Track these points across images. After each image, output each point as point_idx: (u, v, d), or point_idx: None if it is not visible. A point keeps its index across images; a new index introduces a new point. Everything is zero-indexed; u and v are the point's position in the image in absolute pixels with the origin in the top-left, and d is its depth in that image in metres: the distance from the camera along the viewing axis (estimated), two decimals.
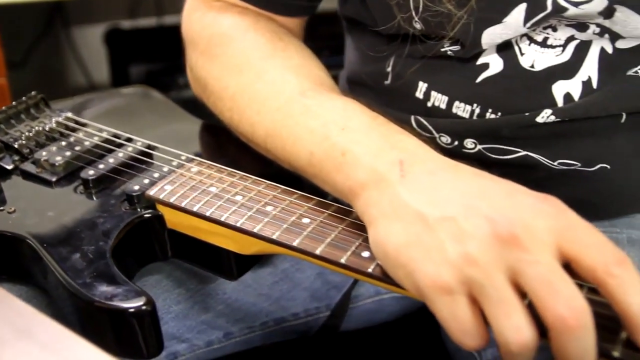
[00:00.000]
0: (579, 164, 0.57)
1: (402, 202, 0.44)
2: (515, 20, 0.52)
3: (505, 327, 0.39)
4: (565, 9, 0.51)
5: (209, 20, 0.64)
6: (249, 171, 0.59)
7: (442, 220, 0.42)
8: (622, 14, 0.51)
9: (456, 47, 0.56)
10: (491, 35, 0.54)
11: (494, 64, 0.57)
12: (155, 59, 1.63)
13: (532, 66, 0.55)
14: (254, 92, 0.58)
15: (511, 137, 0.57)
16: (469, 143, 0.59)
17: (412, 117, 0.61)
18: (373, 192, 0.46)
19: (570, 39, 0.54)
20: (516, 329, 0.39)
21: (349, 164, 0.49)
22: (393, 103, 0.63)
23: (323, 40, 1.01)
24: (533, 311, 0.40)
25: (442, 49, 0.57)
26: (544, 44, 0.54)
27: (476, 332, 0.41)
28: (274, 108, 0.56)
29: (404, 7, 0.56)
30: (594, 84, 0.54)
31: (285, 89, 0.56)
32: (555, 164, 0.57)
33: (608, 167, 0.56)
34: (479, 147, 0.59)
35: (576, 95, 0.55)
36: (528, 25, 0.52)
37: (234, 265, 0.57)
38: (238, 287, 0.66)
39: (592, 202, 0.59)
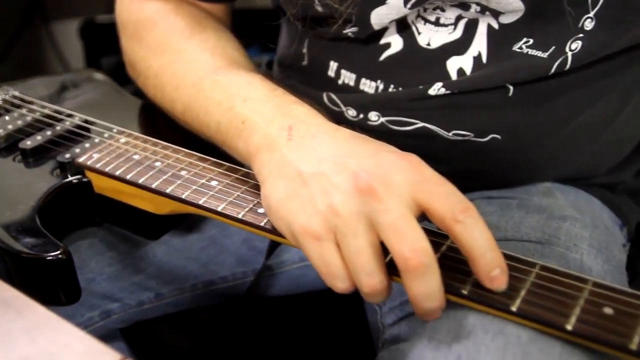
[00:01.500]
0: (472, 135, 0.62)
1: (285, 162, 0.49)
2: (396, 1, 0.57)
3: (359, 272, 0.44)
4: None
5: (136, 7, 0.70)
6: (175, 143, 0.64)
7: (315, 175, 0.47)
8: None
9: (355, 29, 0.61)
10: (379, 16, 0.59)
11: (395, 43, 0.62)
12: None
13: (429, 44, 0.61)
14: (173, 71, 0.63)
15: (409, 109, 0.62)
16: (372, 116, 0.64)
17: (325, 94, 0.66)
18: (265, 154, 0.52)
19: (459, 17, 0.59)
20: (367, 274, 0.44)
21: (248, 130, 0.54)
22: (310, 82, 0.68)
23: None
24: None
25: (344, 31, 0.62)
26: (437, 23, 0.60)
27: (343, 275, 0.46)
28: (189, 84, 0.61)
29: None
30: (484, 59, 0.59)
31: (200, 68, 0.61)
32: (450, 134, 0.62)
33: (499, 137, 0.61)
34: (382, 119, 0.64)
35: (468, 70, 0.60)
36: (408, 6, 0.57)
37: (154, 226, 0.62)
38: (168, 251, 0.71)
39: (488, 171, 0.64)
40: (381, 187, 0.45)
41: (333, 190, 0.46)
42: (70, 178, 0.62)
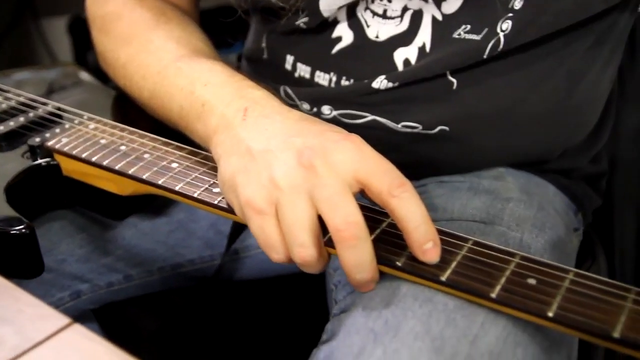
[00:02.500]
0: (421, 127, 0.64)
1: (238, 140, 0.52)
2: None
3: (292, 243, 0.47)
4: None
5: (103, 0, 0.72)
6: (145, 130, 0.67)
7: (263, 152, 0.50)
8: None
9: (306, 19, 0.64)
10: (327, 3, 0.62)
11: (346, 36, 0.65)
12: None
13: (377, 36, 0.63)
14: (140, 60, 0.66)
15: (359, 102, 0.65)
16: (325, 109, 0.67)
17: (282, 88, 0.69)
18: (221, 135, 0.54)
19: (405, 9, 0.62)
20: (300, 245, 0.47)
21: (207, 112, 0.57)
22: (269, 75, 0.71)
23: None
24: None
25: (296, 22, 0.65)
26: (384, 15, 0.63)
27: (279, 247, 0.48)
28: (155, 72, 0.64)
29: None
30: (427, 49, 0.62)
31: (164, 56, 0.64)
32: (400, 126, 0.65)
33: (447, 128, 0.64)
34: (334, 112, 0.67)
35: (413, 60, 0.63)
36: None
37: (118, 207, 0.65)
38: (137, 235, 0.74)
39: (439, 159, 0.67)
40: (322, 164, 0.47)
41: (277, 165, 0.48)
42: (39, 161, 0.65)
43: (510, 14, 0.58)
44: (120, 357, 0.39)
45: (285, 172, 0.48)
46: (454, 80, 0.62)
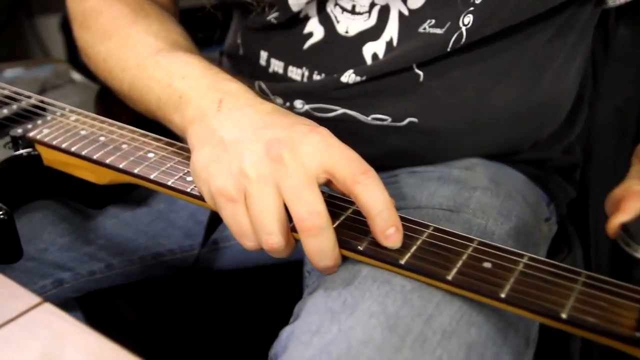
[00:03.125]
0: (390, 119, 0.66)
1: (212, 130, 0.54)
2: None
3: (260, 231, 0.49)
4: None
5: None
6: (126, 122, 0.68)
7: (234, 142, 0.52)
8: None
9: (276, 14, 0.66)
10: None
11: (317, 32, 0.67)
12: None
13: (347, 32, 0.65)
14: (119, 55, 0.67)
15: (330, 97, 0.67)
16: (298, 104, 0.69)
17: (256, 83, 0.71)
18: (196, 125, 0.56)
19: (372, 4, 0.63)
20: (267, 233, 0.49)
21: (184, 104, 0.58)
22: (246, 71, 0.73)
23: None
24: None
25: (268, 18, 0.67)
26: (353, 11, 0.64)
27: (250, 234, 0.50)
28: (134, 66, 0.65)
29: None
30: (395, 43, 0.64)
31: (143, 50, 0.66)
32: (370, 119, 0.66)
33: (416, 120, 0.66)
34: (306, 107, 0.69)
35: (381, 54, 0.64)
36: None
37: (97, 196, 0.67)
38: (118, 224, 0.76)
39: (410, 151, 0.69)
40: (289, 156, 0.49)
41: (246, 156, 0.50)
42: (21, 151, 0.67)
43: (472, 8, 0.59)
44: (88, 333, 0.41)
45: (253, 162, 0.50)
46: (421, 73, 0.64)
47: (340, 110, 0.67)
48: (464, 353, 0.46)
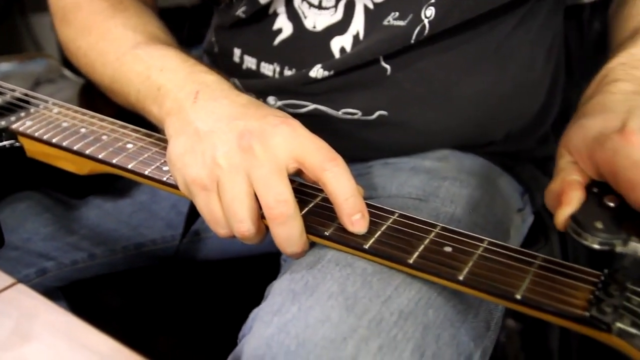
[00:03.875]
0: (360, 113, 0.68)
1: (188, 121, 0.56)
2: None
3: (231, 219, 0.51)
4: None
5: None
6: (109, 115, 0.70)
7: (209, 133, 0.53)
8: None
9: (244, 7, 0.68)
10: None
11: (286, 27, 0.69)
12: None
13: (314, 27, 0.67)
14: (99, 49, 0.69)
15: (301, 92, 0.68)
16: (270, 100, 0.71)
17: (232, 80, 0.73)
18: (174, 117, 0.58)
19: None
20: (238, 220, 0.51)
21: (162, 96, 0.60)
22: (221, 68, 0.75)
23: None
24: None
25: (236, 13, 0.68)
26: (319, 6, 0.66)
27: (223, 222, 0.52)
28: (114, 59, 0.67)
29: None
30: (361, 37, 0.65)
31: (122, 44, 0.67)
32: (340, 113, 0.68)
33: (385, 113, 0.67)
34: (279, 103, 0.70)
35: (348, 48, 0.66)
36: None
37: (78, 186, 0.69)
38: (100, 215, 0.77)
39: (382, 143, 0.70)
40: (259, 146, 0.51)
41: (219, 146, 0.52)
42: (4, 142, 0.68)
43: (432, 1, 0.61)
44: (58, 312, 0.42)
45: (225, 152, 0.51)
46: (388, 67, 0.65)
47: (312, 106, 0.68)
48: (420, 333, 0.48)
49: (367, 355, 0.45)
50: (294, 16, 0.68)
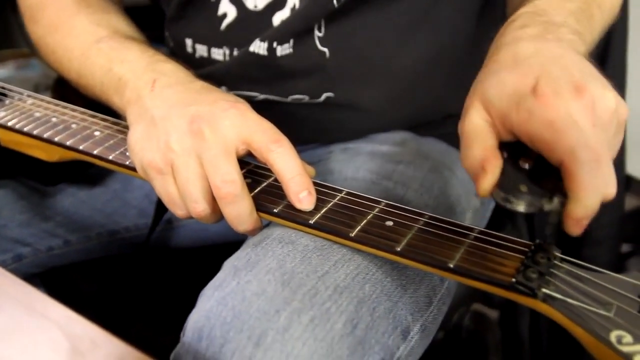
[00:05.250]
0: (308, 97, 0.71)
1: (145, 109, 0.58)
2: None
3: (186, 199, 0.54)
4: None
5: None
6: (80, 105, 0.73)
7: (163, 119, 0.56)
8: None
9: None
10: None
11: (230, 12, 0.71)
12: None
13: (256, 6, 0.70)
14: (65, 45, 0.72)
15: (248, 79, 0.71)
16: (224, 91, 0.73)
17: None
18: (133, 105, 0.61)
19: None
20: (193, 200, 0.54)
21: (123, 86, 0.63)
22: (178, 61, 0.77)
23: None
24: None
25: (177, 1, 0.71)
26: None
27: (180, 203, 0.55)
28: (79, 54, 0.70)
29: None
30: (297, 8, 0.68)
31: (87, 39, 0.70)
32: (289, 99, 0.71)
33: (332, 95, 0.70)
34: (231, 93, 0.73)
35: None
36: None
37: (49, 173, 0.72)
38: (75, 202, 0.80)
39: (334, 125, 0.73)
40: (209, 130, 0.54)
41: (172, 131, 0.55)
42: None
43: None
44: (22, 287, 0.45)
45: (178, 137, 0.54)
46: (326, 50, 0.68)
47: (262, 96, 0.72)
48: (353, 307, 0.50)
49: (298, 327, 0.47)
50: (236, 0, 0.70)
